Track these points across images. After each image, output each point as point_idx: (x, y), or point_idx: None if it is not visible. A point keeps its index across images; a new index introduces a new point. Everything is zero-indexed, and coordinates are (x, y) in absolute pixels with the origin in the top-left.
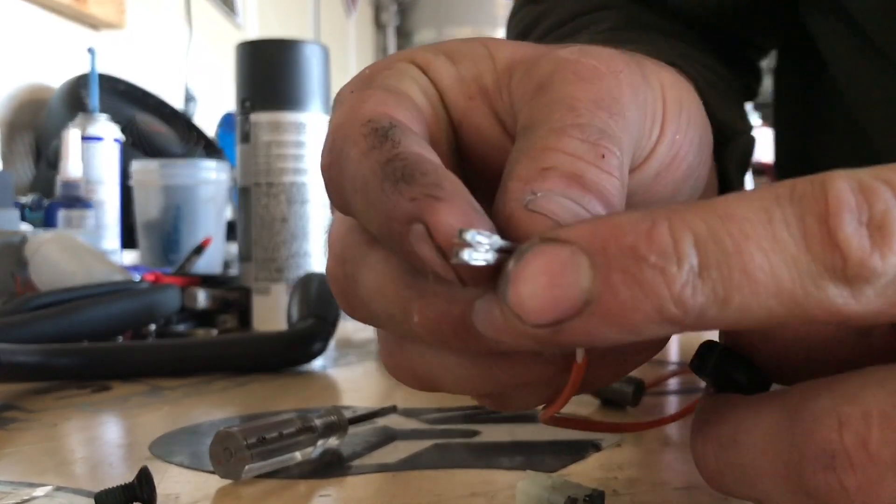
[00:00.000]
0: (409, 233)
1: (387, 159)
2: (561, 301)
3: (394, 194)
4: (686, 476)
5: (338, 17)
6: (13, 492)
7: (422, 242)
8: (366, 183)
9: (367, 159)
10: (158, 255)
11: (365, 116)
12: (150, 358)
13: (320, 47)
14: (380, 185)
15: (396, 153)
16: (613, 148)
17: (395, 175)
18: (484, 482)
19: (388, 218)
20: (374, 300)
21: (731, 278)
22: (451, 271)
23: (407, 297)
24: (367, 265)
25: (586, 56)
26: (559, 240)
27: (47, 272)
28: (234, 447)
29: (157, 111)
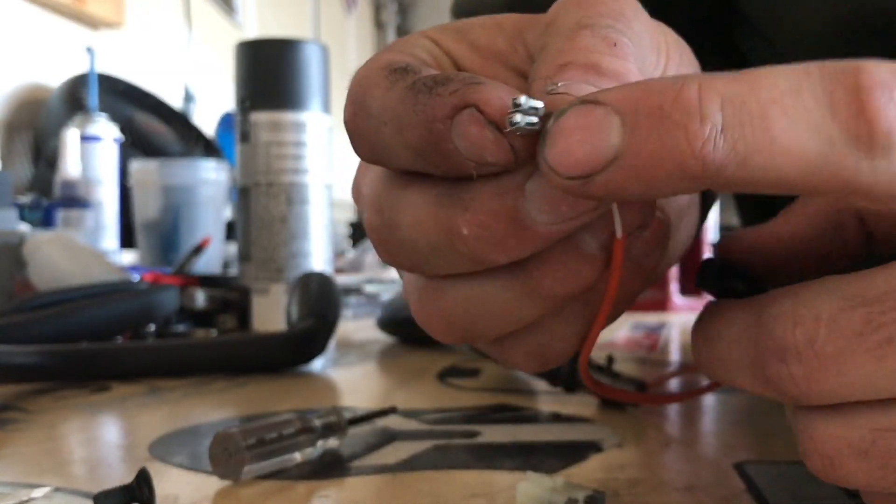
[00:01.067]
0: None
1: (412, 82)
2: (592, 155)
3: (431, 98)
4: (687, 477)
5: (337, 16)
6: (12, 493)
7: (472, 126)
8: (394, 109)
9: (392, 91)
10: (157, 256)
11: (382, 63)
12: (149, 358)
13: (320, 47)
14: (413, 100)
15: (419, 77)
16: (624, 38)
17: (428, 85)
18: (484, 483)
19: (428, 122)
20: (416, 237)
21: (752, 139)
22: (506, 145)
23: (450, 216)
24: (403, 206)
25: None
26: (596, 101)
27: (46, 272)
28: (234, 448)
29: (156, 111)
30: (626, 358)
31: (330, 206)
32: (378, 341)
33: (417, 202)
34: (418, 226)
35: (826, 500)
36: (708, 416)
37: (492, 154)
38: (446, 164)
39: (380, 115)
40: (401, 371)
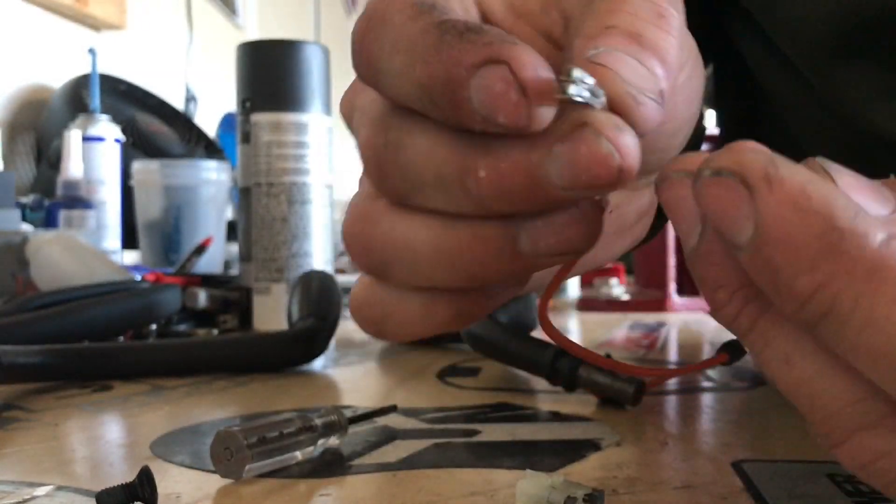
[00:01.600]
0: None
1: (440, 20)
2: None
3: (461, 42)
4: (685, 475)
5: (338, 17)
6: (14, 491)
7: (498, 82)
8: (413, 41)
9: (416, 22)
10: (159, 256)
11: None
12: (150, 358)
13: (321, 48)
14: (438, 38)
15: (448, 18)
16: (672, 10)
17: (458, 29)
18: (484, 481)
19: (450, 64)
20: (425, 165)
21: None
22: (524, 111)
23: (469, 156)
24: (416, 131)
25: None
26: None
27: (48, 272)
28: (235, 447)
29: (157, 111)
30: (625, 357)
31: (331, 206)
32: (378, 341)
33: (434, 134)
34: (431, 154)
35: (823, 498)
36: (706, 415)
37: (506, 116)
38: (450, 112)
39: (395, 42)
40: (401, 370)
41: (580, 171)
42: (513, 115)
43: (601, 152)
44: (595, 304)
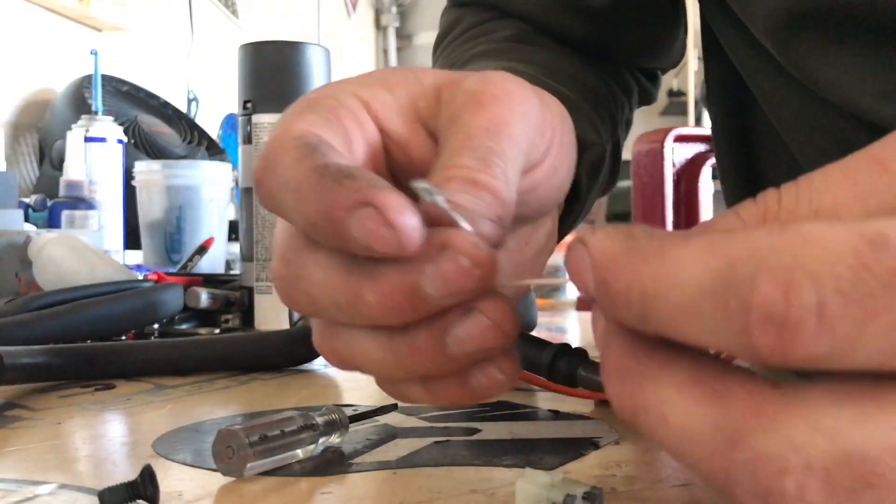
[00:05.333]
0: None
1: (322, 164)
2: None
3: (336, 186)
4: (684, 473)
5: (339, 18)
6: (17, 489)
7: (370, 221)
8: (300, 182)
9: (301, 164)
10: (161, 255)
11: (295, 133)
12: (153, 357)
13: (322, 49)
14: (317, 182)
15: (326, 162)
16: (497, 159)
17: (336, 174)
18: (483, 479)
19: (329, 207)
20: (321, 292)
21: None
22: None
23: (356, 283)
24: (311, 263)
25: (487, 85)
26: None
27: (51, 272)
28: (237, 445)
29: (159, 112)
30: None
31: None
32: None
33: (326, 264)
34: (325, 285)
35: None
36: None
37: (382, 246)
38: (338, 242)
39: (286, 182)
40: None
41: (449, 283)
42: (387, 245)
43: (463, 267)
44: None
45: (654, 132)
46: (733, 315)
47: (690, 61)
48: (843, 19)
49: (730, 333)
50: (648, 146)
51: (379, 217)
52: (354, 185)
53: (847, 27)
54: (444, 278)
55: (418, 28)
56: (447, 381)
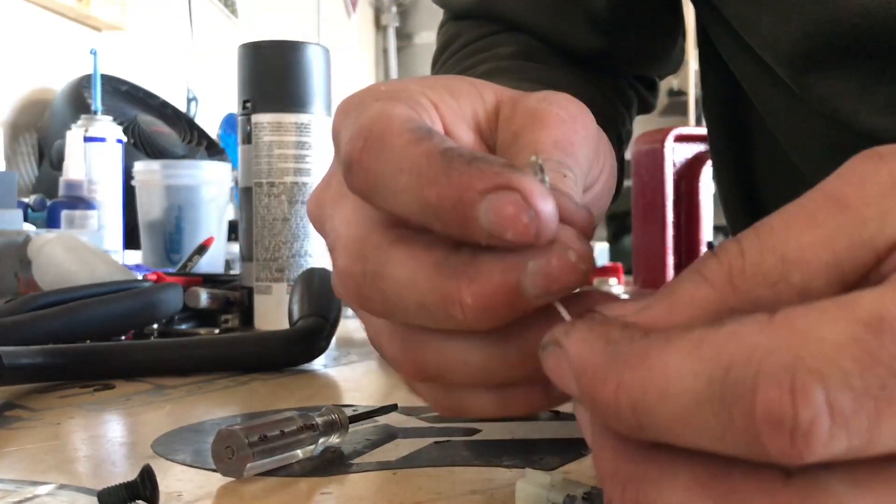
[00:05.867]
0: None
1: (444, 147)
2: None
3: (470, 168)
4: None
5: (338, 18)
6: (17, 490)
7: (509, 206)
8: (419, 163)
9: (417, 146)
10: (160, 255)
11: (402, 117)
12: (152, 357)
13: (322, 48)
14: (446, 164)
15: (449, 145)
16: (569, 173)
17: (465, 157)
18: (484, 480)
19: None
20: (407, 294)
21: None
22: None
23: (453, 286)
24: (395, 261)
25: (552, 105)
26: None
27: (50, 272)
28: (236, 445)
29: (159, 112)
30: None
31: None
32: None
33: (413, 262)
34: (413, 285)
35: None
36: None
37: (516, 234)
38: (456, 228)
39: (399, 163)
40: None
41: (554, 280)
42: (525, 233)
43: (570, 262)
44: None
45: (655, 132)
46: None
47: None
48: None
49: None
50: (648, 146)
51: (520, 202)
52: (491, 169)
53: (855, 51)
54: (550, 274)
55: (418, 27)
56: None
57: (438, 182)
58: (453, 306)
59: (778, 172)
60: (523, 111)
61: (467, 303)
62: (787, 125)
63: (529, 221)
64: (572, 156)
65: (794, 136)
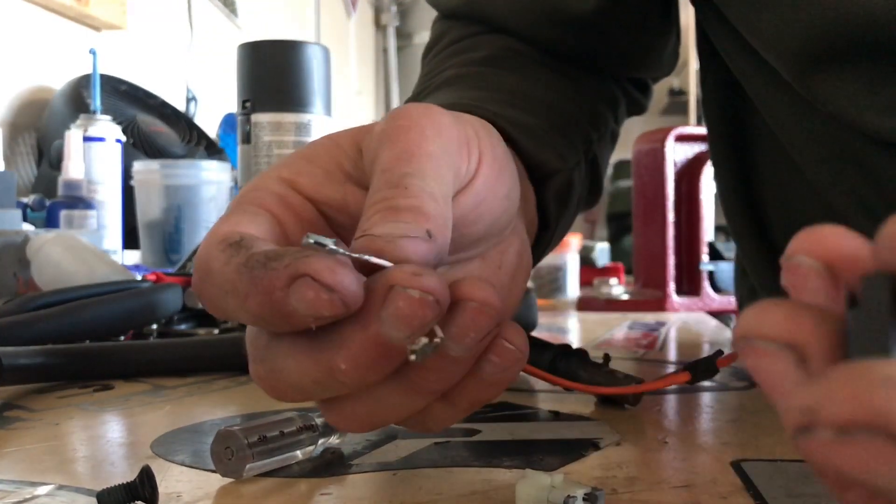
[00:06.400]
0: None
1: (245, 259)
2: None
3: (267, 272)
4: (684, 475)
5: (338, 18)
6: (15, 490)
7: (308, 290)
8: (233, 282)
9: (228, 266)
10: (160, 255)
11: (219, 237)
12: (151, 357)
13: (321, 48)
14: (249, 275)
15: (251, 253)
16: (412, 180)
17: (261, 261)
18: (484, 481)
19: (267, 291)
20: (301, 378)
21: None
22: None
23: (329, 357)
24: (279, 355)
25: (396, 120)
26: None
27: (49, 272)
28: (236, 446)
29: (158, 111)
30: (625, 356)
31: None
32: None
33: (294, 351)
34: (300, 370)
35: (822, 497)
36: (705, 415)
37: (327, 309)
38: (288, 323)
39: (222, 286)
40: None
41: (411, 320)
42: (333, 307)
43: (415, 299)
44: (594, 303)
45: (655, 131)
46: None
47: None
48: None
49: None
50: (649, 146)
51: (315, 284)
52: (282, 263)
53: (859, 52)
54: (404, 316)
55: (418, 27)
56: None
57: (251, 293)
58: (337, 374)
59: (778, 172)
60: (375, 138)
61: (342, 368)
62: (788, 125)
63: (330, 297)
64: (423, 156)
65: (795, 137)
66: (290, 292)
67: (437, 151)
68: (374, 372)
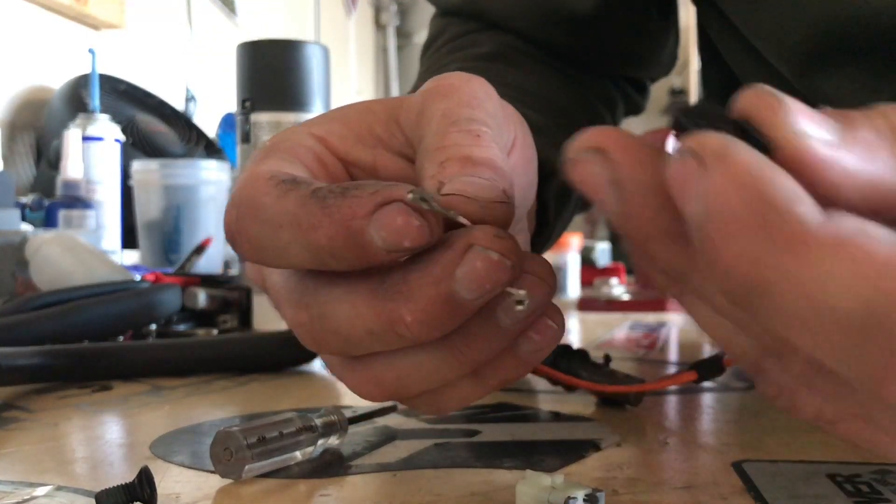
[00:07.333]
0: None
1: (313, 189)
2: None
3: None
4: (685, 475)
5: (338, 17)
6: (14, 491)
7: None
8: (293, 214)
9: (286, 199)
10: (159, 255)
11: (265, 174)
12: (150, 358)
13: (321, 47)
14: (320, 205)
15: (317, 186)
16: (483, 128)
17: (335, 191)
18: (484, 482)
19: (345, 220)
20: (353, 326)
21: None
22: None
23: (393, 307)
24: (333, 300)
25: (443, 79)
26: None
27: (48, 272)
28: (235, 447)
29: (157, 111)
30: (625, 357)
31: None
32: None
33: (351, 296)
34: (357, 317)
35: (823, 498)
36: (706, 415)
37: (412, 241)
38: (355, 257)
39: (273, 219)
40: None
41: (484, 281)
42: (418, 237)
43: (493, 261)
44: (595, 303)
45: (655, 131)
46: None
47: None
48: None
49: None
50: None
51: (405, 209)
52: (365, 191)
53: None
54: (479, 277)
55: (418, 26)
56: (500, 361)
57: (321, 223)
58: (398, 326)
59: None
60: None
61: (408, 320)
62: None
63: (421, 224)
64: (481, 109)
65: None
66: (374, 220)
67: (492, 108)
68: (437, 329)
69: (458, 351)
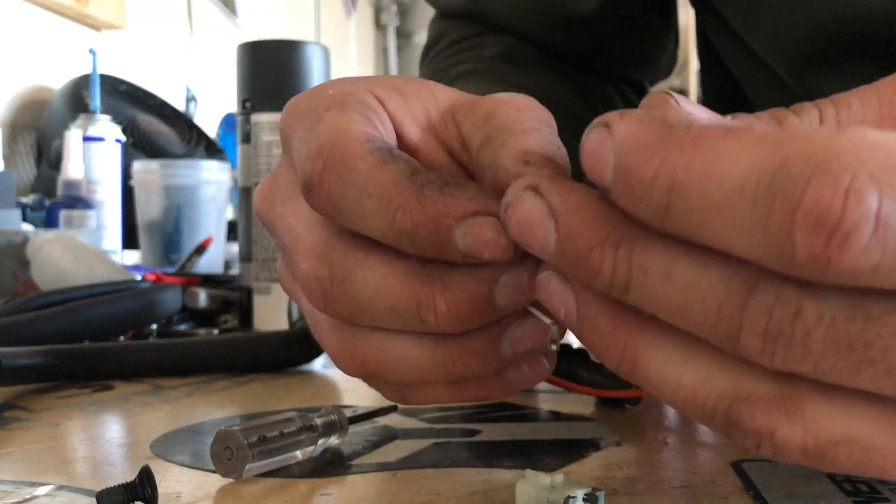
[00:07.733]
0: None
1: (412, 172)
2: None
3: (443, 196)
4: (685, 475)
5: (338, 17)
6: (15, 491)
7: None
8: (388, 189)
9: (383, 170)
10: (159, 255)
11: (361, 136)
12: (151, 358)
13: (321, 48)
14: (416, 191)
15: (416, 168)
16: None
17: (436, 183)
18: (484, 481)
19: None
20: (376, 299)
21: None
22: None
23: (426, 291)
24: (365, 266)
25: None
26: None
27: (49, 272)
28: (235, 446)
29: (158, 111)
30: None
31: None
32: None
33: (386, 268)
34: (385, 290)
35: (822, 497)
36: None
37: (493, 255)
38: (432, 250)
39: (364, 187)
40: None
41: (524, 293)
42: (501, 254)
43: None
44: None
45: None
46: (776, 217)
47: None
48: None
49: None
50: None
51: (498, 225)
52: (465, 195)
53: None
54: (522, 289)
55: (418, 27)
56: (484, 379)
57: (412, 209)
58: (427, 311)
59: None
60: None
61: (441, 309)
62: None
63: (507, 244)
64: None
65: None
66: (464, 225)
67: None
68: (462, 323)
69: (449, 359)
